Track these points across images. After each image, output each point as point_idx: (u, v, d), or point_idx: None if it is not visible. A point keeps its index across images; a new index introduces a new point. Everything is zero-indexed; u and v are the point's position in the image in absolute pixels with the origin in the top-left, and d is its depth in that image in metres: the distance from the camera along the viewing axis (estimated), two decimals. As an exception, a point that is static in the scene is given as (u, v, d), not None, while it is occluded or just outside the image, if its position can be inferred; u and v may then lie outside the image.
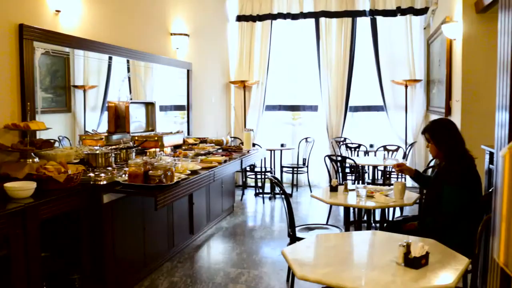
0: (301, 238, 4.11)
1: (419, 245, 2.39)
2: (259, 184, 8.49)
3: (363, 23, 8.85)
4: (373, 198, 4.01)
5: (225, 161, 5.39)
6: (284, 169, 8.61)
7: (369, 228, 4.49)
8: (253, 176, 8.48)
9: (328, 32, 8.89)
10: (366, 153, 8.13)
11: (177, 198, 4.07)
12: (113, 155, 4.42)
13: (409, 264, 2.37)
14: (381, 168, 7.40)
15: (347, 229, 4.71)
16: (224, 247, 5.58)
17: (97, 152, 4.34)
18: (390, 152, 7.69)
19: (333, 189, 4.36)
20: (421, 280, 2.25)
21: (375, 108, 9.11)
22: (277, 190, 8.37)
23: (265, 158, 8.06)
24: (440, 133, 3.74)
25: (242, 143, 7.98)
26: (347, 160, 6.78)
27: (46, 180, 3.55)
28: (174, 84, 7.07)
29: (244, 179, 8.56)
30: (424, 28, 8.50)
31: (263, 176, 8.38)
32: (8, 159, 3.84)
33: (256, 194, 8.42)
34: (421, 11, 8.41)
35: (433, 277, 2.30)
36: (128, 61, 5.70)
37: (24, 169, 3.65)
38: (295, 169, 8.59)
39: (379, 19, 8.68)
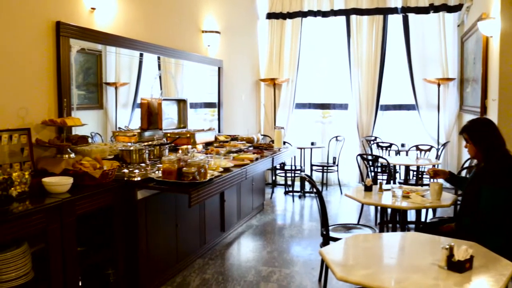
0: (335, 238, 4.08)
1: (462, 248, 2.32)
2: (289, 182, 8.45)
3: (395, 20, 8.72)
4: (409, 198, 3.94)
5: (257, 159, 5.37)
6: (314, 167, 8.54)
7: (403, 229, 4.42)
8: (283, 174, 8.43)
9: (359, 29, 8.78)
10: (398, 152, 8.01)
11: (210, 196, 4.07)
12: (147, 151, 4.44)
13: (453, 267, 2.31)
14: (414, 168, 7.28)
15: (381, 230, 4.64)
16: (254, 245, 5.57)
17: (131, 148, 4.36)
18: (423, 152, 7.55)
19: (368, 188, 4.30)
20: (465, 284, 2.19)
21: (406, 107, 8.97)
22: (307, 188, 8.33)
23: (294, 157, 8.00)
24: (479, 133, 3.64)
25: (272, 141, 7.95)
26: (379, 160, 6.68)
27: (82, 175, 3.59)
28: (204, 81, 7.08)
29: (274, 177, 8.52)
30: (458, 26, 8.32)
31: (293, 175, 8.33)
32: (45, 154, 3.89)
33: (286, 193, 8.38)
34: (455, 8, 8.23)
35: (478, 282, 2.24)
36: (159, 58, 5.72)
37: (61, 165, 3.70)
38: (325, 167, 8.51)
39: (411, 16, 8.53)
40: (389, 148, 7.91)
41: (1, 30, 3.49)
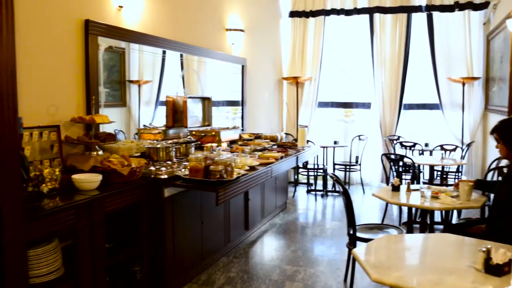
0: (361, 238, 4.05)
1: (501, 251, 2.27)
2: (311, 181, 8.41)
3: (419, 18, 8.60)
4: (438, 199, 3.88)
5: (281, 158, 5.35)
6: (337, 166, 8.49)
7: (431, 230, 4.36)
8: (305, 173, 8.40)
9: (383, 28, 8.70)
10: (421, 152, 7.92)
11: (237, 194, 4.07)
12: (173, 149, 4.45)
13: (491, 271, 2.26)
14: (438, 168, 7.20)
15: (409, 230, 4.59)
16: (278, 243, 5.55)
17: (158, 146, 4.38)
18: (448, 152, 7.45)
19: (395, 188, 4.25)
20: (505, 289, 2.15)
21: (429, 106, 8.85)
22: (329, 187, 8.30)
23: (317, 155, 7.97)
24: (510, 133, 3.58)
25: (295, 139, 7.93)
26: (404, 159, 6.61)
27: (110, 172, 3.61)
28: (226, 79, 7.08)
29: (296, 176, 8.49)
30: (484, 24, 8.18)
31: (315, 173, 8.30)
32: (74, 151, 3.92)
33: (308, 191, 8.36)
34: (481, 6, 8.09)
35: (518, 286, 2.19)
36: (181, 56, 5.72)
37: (89, 162, 3.72)
38: (348, 167, 8.46)
39: (436, 14, 8.40)
40: (413, 148, 7.82)
41: (33, 29, 3.52)
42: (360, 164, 8.43)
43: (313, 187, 8.36)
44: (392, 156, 6.74)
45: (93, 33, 4.08)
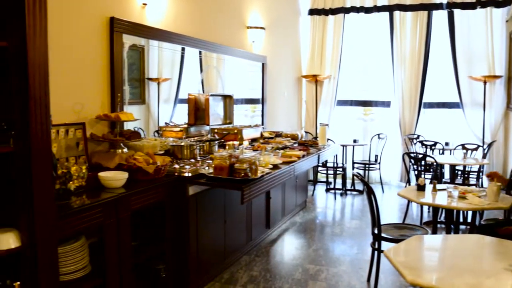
0: (386, 238, 4.01)
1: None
2: (330, 179, 8.37)
3: (440, 16, 8.49)
4: (465, 199, 3.83)
5: (303, 156, 5.31)
6: (356, 165, 8.44)
7: (456, 230, 4.30)
8: (324, 172, 8.36)
9: (403, 26, 8.60)
10: (442, 151, 7.84)
11: (262, 193, 4.05)
12: (197, 147, 4.44)
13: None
14: (460, 167, 7.11)
15: (434, 231, 4.53)
16: (299, 242, 5.52)
17: (182, 144, 4.37)
18: (469, 151, 7.35)
19: (421, 188, 4.20)
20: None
21: (449, 104, 8.74)
22: (348, 186, 8.26)
23: (336, 154, 7.92)
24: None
25: (314, 137, 7.89)
26: (426, 158, 6.53)
27: (136, 170, 3.60)
28: (245, 77, 7.05)
29: (315, 174, 8.45)
30: (507, 21, 8.05)
31: (334, 172, 8.25)
32: (98, 149, 3.92)
33: (327, 190, 8.31)
34: (503, 3, 7.97)
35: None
36: (200, 53, 5.69)
37: (115, 159, 3.72)
38: (367, 165, 8.40)
39: (457, 12, 8.29)
40: (433, 147, 7.73)
41: (59, 27, 3.52)
42: (379, 163, 8.35)
43: (331, 186, 8.31)
44: (415, 155, 6.65)
45: (118, 31, 4.08)
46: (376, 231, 4.05)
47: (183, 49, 5.32)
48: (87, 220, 2.93)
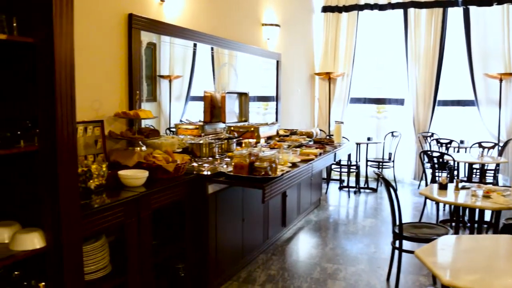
0: (406, 237, 3.95)
1: None
2: (343, 177, 8.31)
3: (455, 13, 8.38)
4: (490, 198, 3.76)
5: (320, 154, 5.25)
6: (369, 163, 8.36)
7: (479, 229, 4.23)
8: (338, 170, 8.29)
9: (417, 23, 8.51)
10: (458, 149, 7.75)
11: (281, 191, 4.01)
12: (216, 145, 4.39)
13: None
14: (476, 166, 7.03)
15: (456, 230, 4.46)
16: (315, 241, 5.47)
17: (201, 142, 4.32)
18: (486, 149, 7.26)
19: (442, 187, 4.13)
20: None
21: (464, 102, 8.64)
22: (362, 184, 8.20)
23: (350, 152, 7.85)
24: None
25: (328, 135, 7.83)
26: (444, 157, 6.45)
27: (156, 169, 3.56)
28: (258, 74, 6.98)
29: (328, 172, 8.39)
30: (524, 18, 7.96)
31: (348, 170, 8.18)
32: (116, 146, 3.88)
33: (340, 188, 8.25)
34: (521, 0, 7.88)
35: None
36: (212, 50, 5.62)
37: (134, 157, 3.68)
38: (381, 163, 8.32)
39: (473, 9, 8.18)
40: (449, 145, 7.65)
41: (77, 24, 3.46)
42: (393, 161, 8.27)
43: (345, 184, 8.25)
44: (432, 153, 6.56)
45: (136, 27, 4.04)
46: (397, 230, 3.99)
47: (195, 45, 5.25)
48: (109, 220, 2.89)
